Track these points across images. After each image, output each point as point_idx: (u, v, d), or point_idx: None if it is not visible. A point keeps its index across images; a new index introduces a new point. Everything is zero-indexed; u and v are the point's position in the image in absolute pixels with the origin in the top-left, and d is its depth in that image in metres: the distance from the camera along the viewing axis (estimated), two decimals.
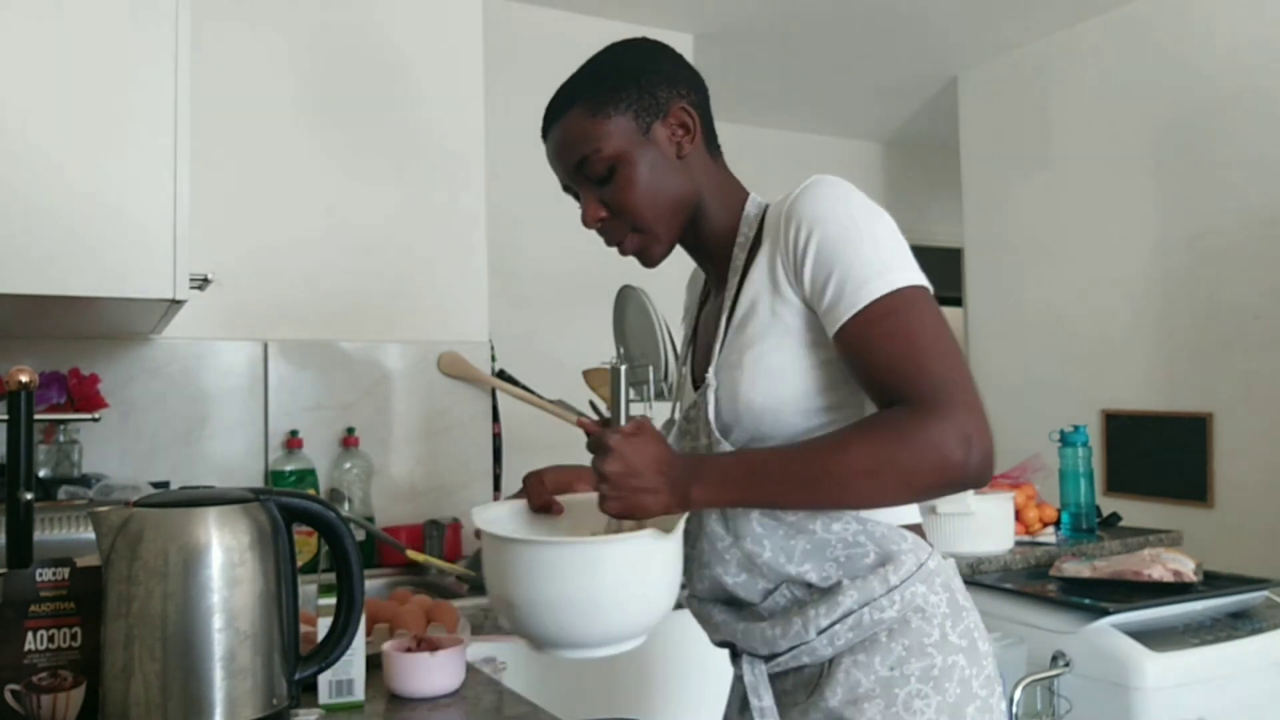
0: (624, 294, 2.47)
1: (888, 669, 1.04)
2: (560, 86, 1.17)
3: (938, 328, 0.99)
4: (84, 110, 1.47)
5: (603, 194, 1.13)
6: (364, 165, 2.40)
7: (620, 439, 0.99)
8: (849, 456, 0.96)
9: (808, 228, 1.03)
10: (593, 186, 1.14)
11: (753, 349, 1.07)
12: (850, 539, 1.07)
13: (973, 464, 0.94)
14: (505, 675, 1.64)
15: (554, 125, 1.15)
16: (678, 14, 3.63)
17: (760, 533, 1.08)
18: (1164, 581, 1.97)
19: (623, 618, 1.00)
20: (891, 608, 1.05)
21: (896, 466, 0.94)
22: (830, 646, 1.06)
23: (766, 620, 1.10)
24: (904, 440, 0.94)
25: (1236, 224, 3.25)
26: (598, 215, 1.14)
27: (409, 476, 2.38)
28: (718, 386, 1.10)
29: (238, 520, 1.07)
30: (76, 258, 1.45)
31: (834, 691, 1.05)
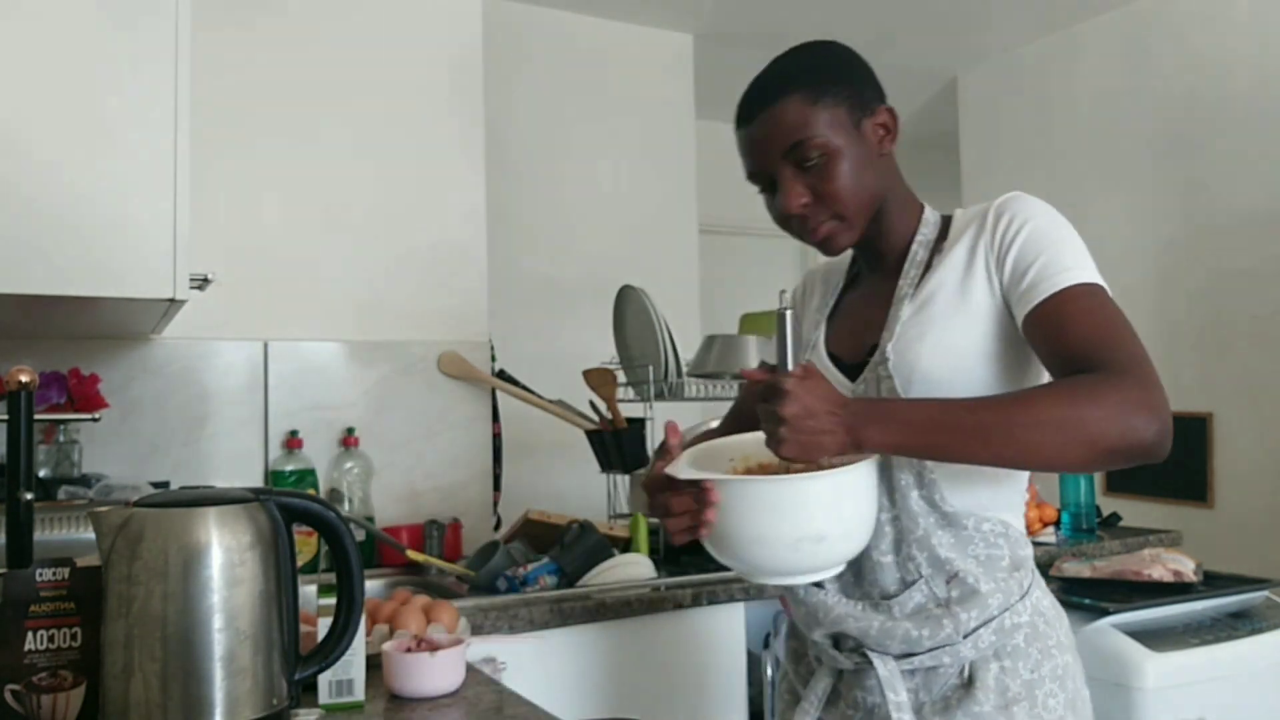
0: (624, 294, 2.47)
1: (1029, 672, 1.11)
2: (764, 76, 1.20)
3: (1126, 318, 1.06)
4: (84, 110, 1.47)
5: (809, 180, 1.15)
6: (364, 165, 2.40)
7: (795, 381, 0.99)
8: (1038, 409, 0.98)
9: (1021, 220, 1.12)
10: (799, 173, 1.16)
11: (935, 327, 1.12)
12: (992, 540, 1.12)
13: (1154, 434, 0.97)
14: (505, 675, 1.64)
15: (765, 109, 1.17)
16: (678, 14, 3.63)
17: (917, 511, 1.12)
18: (1164, 581, 1.97)
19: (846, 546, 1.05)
20: (1025, 613, 1.13)
21: (1085, 423, 0.96)
22: (974, 650, 1.11)
23: (909, 620, 1.12)
24: (1097, 399, 0.97)
25: (1236, 224, 3.25)
26: (801, 200, 1.16)
27: (409, 476, 2.38)
28: (894, 360, 1.13)
29: (238, 520, 1.07)
30: (76, 258, 1.45)
31: (986, 696, 1.10)
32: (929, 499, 1.12)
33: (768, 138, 1.16)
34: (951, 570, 1.11)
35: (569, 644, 1.76)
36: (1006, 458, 1.01)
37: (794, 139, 1.14)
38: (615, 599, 1.80)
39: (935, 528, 1.12)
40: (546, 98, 3.51)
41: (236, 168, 2.26)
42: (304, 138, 2.34)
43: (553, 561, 1.92)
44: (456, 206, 2.50)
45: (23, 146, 1.43)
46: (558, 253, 3.51)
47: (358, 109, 2.40)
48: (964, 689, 1.11)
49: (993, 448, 0.99)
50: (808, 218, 1.17)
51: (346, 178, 2.38)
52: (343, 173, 2.38)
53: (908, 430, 1.00)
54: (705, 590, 1.87)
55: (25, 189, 1.43)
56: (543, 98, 3.50)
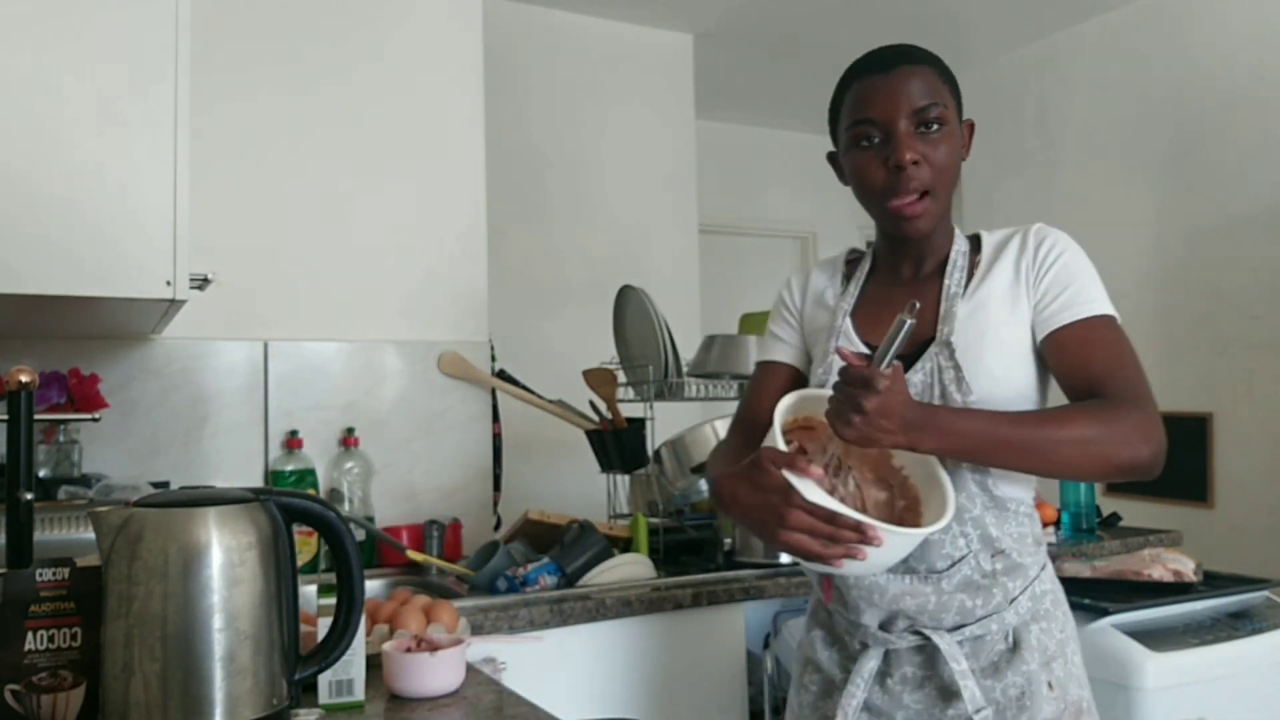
0: (624, 294, 2.47)
1: (1059, 632, 1.28)
2: (902, 44, 1.30)
3: (1135, 351, 1.24)
4: (85, 110, 1.47)
5: (922, 145, 1.23)
6: (364, 165, 2.40)
7: (887, 382, 1.08)
8: (1069, 427, 1.15)
9: (1059, 250, 1.26)
10: (915, 134, 1.23)
11: (993, 328, 1.25)
12: (1023, 519, 1.28)
13: (1152, 455, 1.15)
14: (505, 675, 1.64)
15: (908, 64, 1.25)
16: (678, 14, 3.64)
17: (975, 492, 1.24)
18: (1164, 581, 1.97)
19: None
20: (1048, 581, 1.31)
21: (1104, 442, 1.14)
22: (1016, 616, 1.25)
23: (963, 593, 1.24)
24: (1115, 423, 1.15)
25: (1236, 223, 3.25)
26: (914, 158, 1.22)
27: (409, 476, 2.38)
28: (960, 352, 1.24)
29: (238, 520, 1.07)
30: (77, 258, 1.45)
31: (1032, 655, 1.24)
32: (982, 484, 1.24)
33: (903, 90, 1.23)
34: (998, 546, 1.24)
35: (569, 644, 1.76)
36: (1035, 467, 1.18)
37: (928, 100, 1.23)
38: (615, 599, 1.80)
39: (986, 509, 1.24)
40: (546, 98, 3.51)
41: (236, 168, 2.26)
42: (304, 137, 2.34)
43: (553, 561, 1.92)
44: (456, 206, 2.50)
45: (22, 147, 1.43)
46: (558, 253, 3.51)
47: (358, 109, 2.40)
48: (1011, 651, 1.25)
49: (1030, 460, 1.16)
50: (913, 177, 1.23)
51: (347, 177, 2.38)
52: (343, 172, 2.38)
53: (961, 440, 1.13)
54: (705, 590, 1.87)
55: (25, 189, 1.43)
56: (543, 98, 3.50)
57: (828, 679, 1.33)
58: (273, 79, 2.31)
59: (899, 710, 1.27)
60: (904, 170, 1.22)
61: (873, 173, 1.25)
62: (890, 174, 1.23)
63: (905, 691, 1.26)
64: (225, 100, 2.23)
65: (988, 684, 1.23)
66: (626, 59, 3.67)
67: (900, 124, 1.22)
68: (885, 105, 1.23)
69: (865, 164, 1.26)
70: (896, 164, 1.22)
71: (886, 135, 1.23)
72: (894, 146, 1.22)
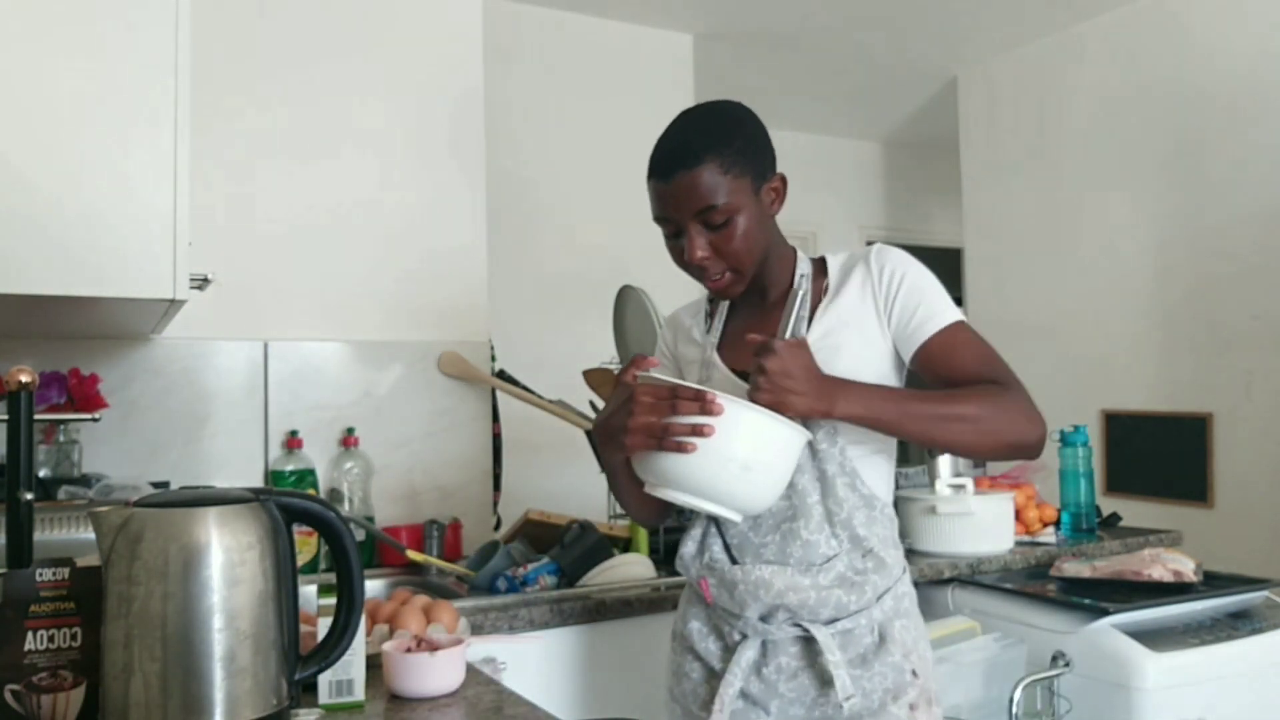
0: (624, 294, 2.47)
1: (915, 629, 1.39)
2: (681, 134, 1.33)
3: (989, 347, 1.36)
4: (85, 110, 1.47)
5: (712, 238, 1.32)
6: (364, 164, 2.40)
7: (785, 345, 1.21)
8: (963, 403, 1.27)
9: (902, 271, 1.36)
10: (704, 229, 1.32)
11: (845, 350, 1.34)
12: (888, 520, 1.38)
13: (1038, 436, 1.29)
14: (505, 675, 1.64)
15: (682, 171, 1.30)
16: (678, 14, 3.63)
17: (843, 496, 1.34)
18: (1164, 581, 1.97)
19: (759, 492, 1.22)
20: (906, 583, 1.41)
21: (994, 420, 1.27)
22: (882, 612, 1.36)
23: (839, 588, 1.33)
24: (1004, 405, 1.28)
25: (1236, 224, 3.25)
26: (703, 254, 1.33)
27: (409, 476, 2.38)
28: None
29: (238, 520, 1.07)
30: (76, 258, 1.45)
31: (896, 648, 1.35)
32: (851, 485, 1.34)
33: (682, 197, 1.30)
34: (867, 546, 1.34)
35: (569, 644, 1.76)
36: (937, 436, 1.28)
37: (706, 204, 1.30)
38: (615, 599, 1.80)
39: (854, 510, 1.34)
40: (546, 98, 3.51)
41: (236, 167, 2.26)
42: (304, 137, 2.34)
43: (553, 561, 1.92)
44: (456, 206, 2.50)
45: (22, 146, 1.43)
46: (558, 253, 3.51)
47: (358, 108, 2.40)
48: (878, 644, 1.35)
49: (931, 432, 1.27)
50: (707, 268, 1.34)
51: (347, 177, 2.38)
52: (343, 172, 2.38)
53: (871, 407, 1.24)
54: None
55: (25, 189, 1.43)
56: (543, 98, 3.50)
57: (707, 667, 1.42)
58: (273, 79, 2.31)
59: (774, 699, 1.36)
60: (694, 267, 1.34)
61: (681, 259, 1.36)
62: (689, 267, 1.36)
63: (781, 681, 1.35)
64: (226, 100, 2.23)
65: (857, 674, 1.33)
66: (626, 59, 3.67)
67: (687, 225, 1.32)
68: (670, 211, 1.32)
69: (674, 251, 1.37)
70: (688, 264, 1.34)
71: (678, 232, 1.34)
72: (687, 248, 1.33)
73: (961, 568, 2.11)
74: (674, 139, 1.34)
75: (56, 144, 1.45)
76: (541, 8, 3.51)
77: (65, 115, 1.46)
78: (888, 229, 5.46)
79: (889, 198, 5.47)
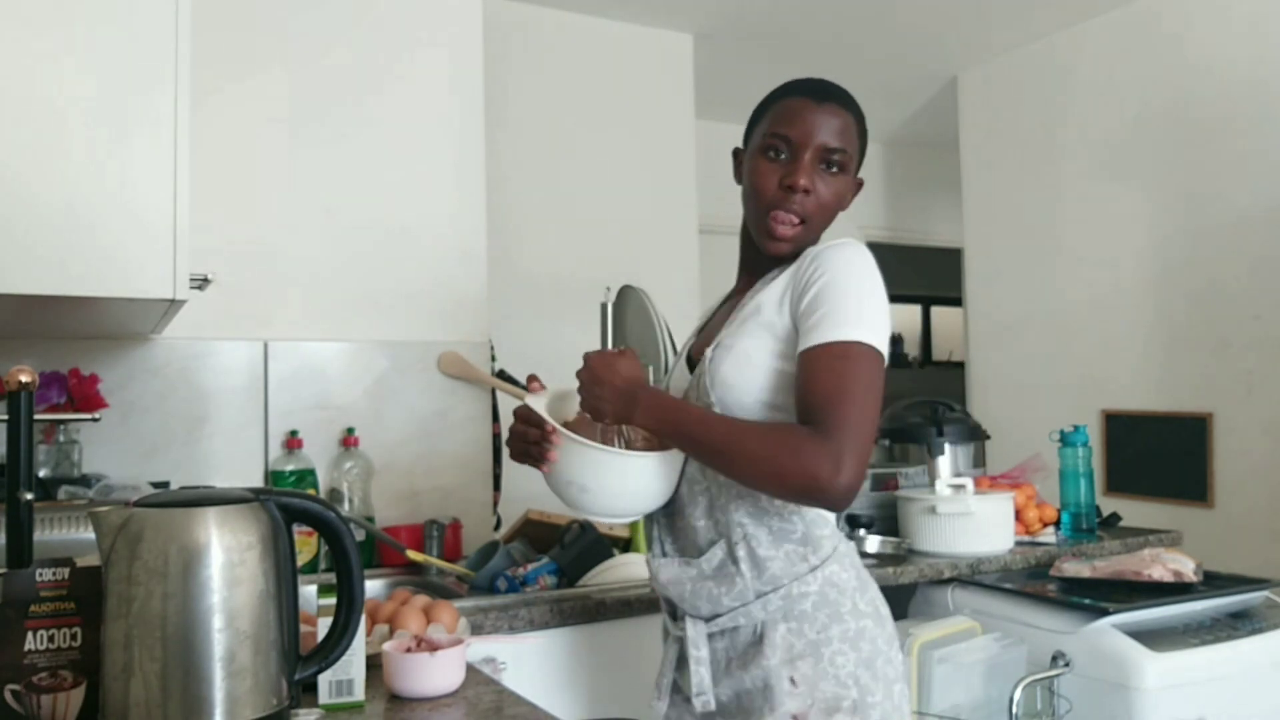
0: (624, 294, 2.47)
1: (815, 633, 1.28)
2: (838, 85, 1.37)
3: (870, 384, 1.21)
4: (85, 111, 1.47)
5: (819, 178, 1.32)
6: (364, 165, 2.40)
7: (596, 356, 1.32)
8: (748, 440, 1.21)
9: (824, 270, 1.27)
10: (819, 169, 1.32)
11: (741, 340, 1.31)
12: (786, 514, 1.30)
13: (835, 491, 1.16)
14: (505, 675, 1.64)
15: (842, 104, 1.34)
16: (678, 14, 3.63)
17: (724, 482, 1.30)
18: (1164, 581, 1.97)
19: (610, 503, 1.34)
20: (814, 584, 1.29)
21: (773, 464, 1.18)
22: (764, 612, 1.29)
23: (712, 580, 1.31)
24: (789, 451, 1.17)
25: (1236, 224, 3.25)
26: (807, 184, 1.31)
27: (409, 476, 2.38)
28: (710, 362, 1.32)
29: (238, 520, 1.07)
30: (76, 258, 1.45)
31: (773, 652, 1.28)
32: None
33: (824, 123, 1.32)
34: (742, 533, 1.29)
35: (569, 644, 1.76)
36: (719, 467, 1.26)
37: (840, 143, 1.32)
38: (615, 599, 1.80)
39: (736, 498, 1.30)
40: (546, 97, 3.51)
41: (236, 168, 2.26)
42: (304, 137, 2.34)
43: (553, 561, 1.92)
44: (456, 206, 2.50)
45: (22, 147, 1.43)
46: (558, 253, 3.51)
47: (358, 108, 2.40)
48: (755, 646, 1.29)
49: (715, 463, 1.26)
50: (795, 201, 1.31)
51: (346, 177, 2.38)
52: (343, 172, 2.38)
53: (660, 425, 1.26)
54: None
55: (25, 189, 1.43)
56: (543, 97, 3.50)
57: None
58: (272, 79, 2.31)
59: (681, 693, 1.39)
60: (794, 193, 1.31)
61: (767, 182, 1.33)
62: (782, 190, 1.32)
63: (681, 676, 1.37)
64: (225, 100, 2.23)
65: (739, 674, 1.30)
66: (626, 59, 3.67)
67: (808, 152, 1.31)
68: (803, 129, 1.32)
69: (765, 173, 1.33)
70: (790, 185, 1.31)
71: (793, 156, 1.32)
72: (794, 168, 1.31)
73: (961, 568, 2.11)
74: (832, 84, 1.37)
75: (56, 144, 1.45)
76: (541, 8, 3.51)
77: (65, 115, 1.46)
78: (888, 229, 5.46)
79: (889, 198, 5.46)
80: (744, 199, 1.39)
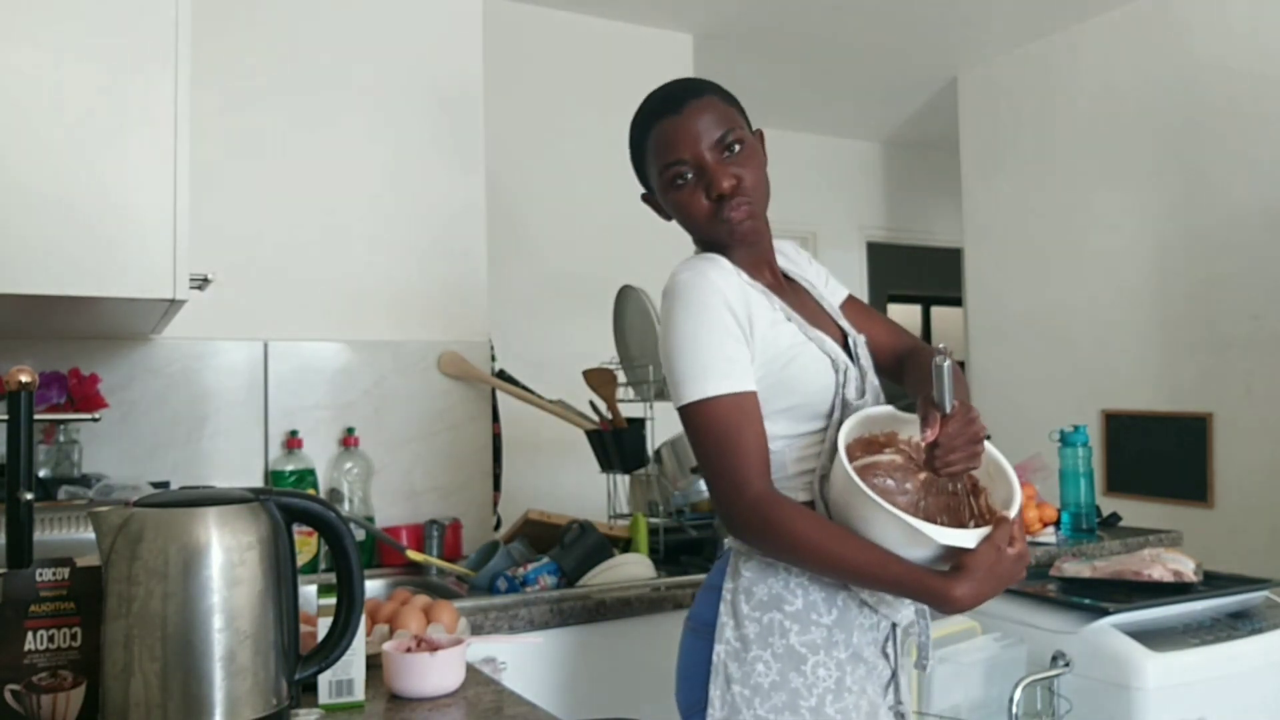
0: (624, 294, 2.47)
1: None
2: (674, 83, 1.36)
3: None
4: (84, 110, 1.47)
5: (731, 168, 1.28)
6: (364, 164, 2.40)
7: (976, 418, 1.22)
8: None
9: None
10: (725, 159, 1.29)
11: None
12: None
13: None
14: (505, 675, 1.64)
15: (692, 100, 1.30)
16: (678, 14, 3.63)
17: None
18: (1164, 581, 1.97)
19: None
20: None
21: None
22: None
23: None
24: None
25: (1236, 224, 3.25)
26: (731, 183, 1.28)
27: (409, 476, 2.38)
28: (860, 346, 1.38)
29: (238, 520, 1.07)
30: (76, 258, 1.45)
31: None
32: None
33: (697, 127, 1.28)
34: None
35: (569, 644, 1.76)
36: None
37: (723, 128, 1.29)
38: (615, 599, 1.80)
39: None
40: (546, 98, 3.51)
41: (236, 168, 2.26)
42: (304, 137, 2.34)
43: (553, 561, 1.92)
44: (456, 206, 2.50)
45: (22, 147, 1.43)
46: (558, 253, 3.51)
47: (358, 108, 2.40)
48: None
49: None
50: (734, 199, 1.28)
51: (346, 177, 2.38)
52: (343, 172, 2.38)
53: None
54: None
55: (25, 189, 1.43)
56: (543, 98, 3.50)
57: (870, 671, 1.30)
58: (273, 78, 2.31)
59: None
60: (727, 198, 1.28)
61: (698, 207, 1.30)
62: (714, 203, 1.29)
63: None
64: (225, 100, 2.23)
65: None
66: (626, 59, 3.67)
67: (707, 156, 1.28)
68: (687, 143, 1.28)
69: (688, 201, 1.30)
70: (718, 195, 1.28)
71: (699, 169, 1.29)
72: (709, 179, 1.28)
73: None
74: (667, 87, 1.35)
75: (56, 144, 1.45)
76: (541, 8, 3.51)
77: (65, 115, 1.46)
78: (888, 229, 5.46)
79: (889, 198, 5.46)
80: (688, 229, 1.36)
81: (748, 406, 1.24)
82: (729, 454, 1.22)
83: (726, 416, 1.23)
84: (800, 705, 1.23)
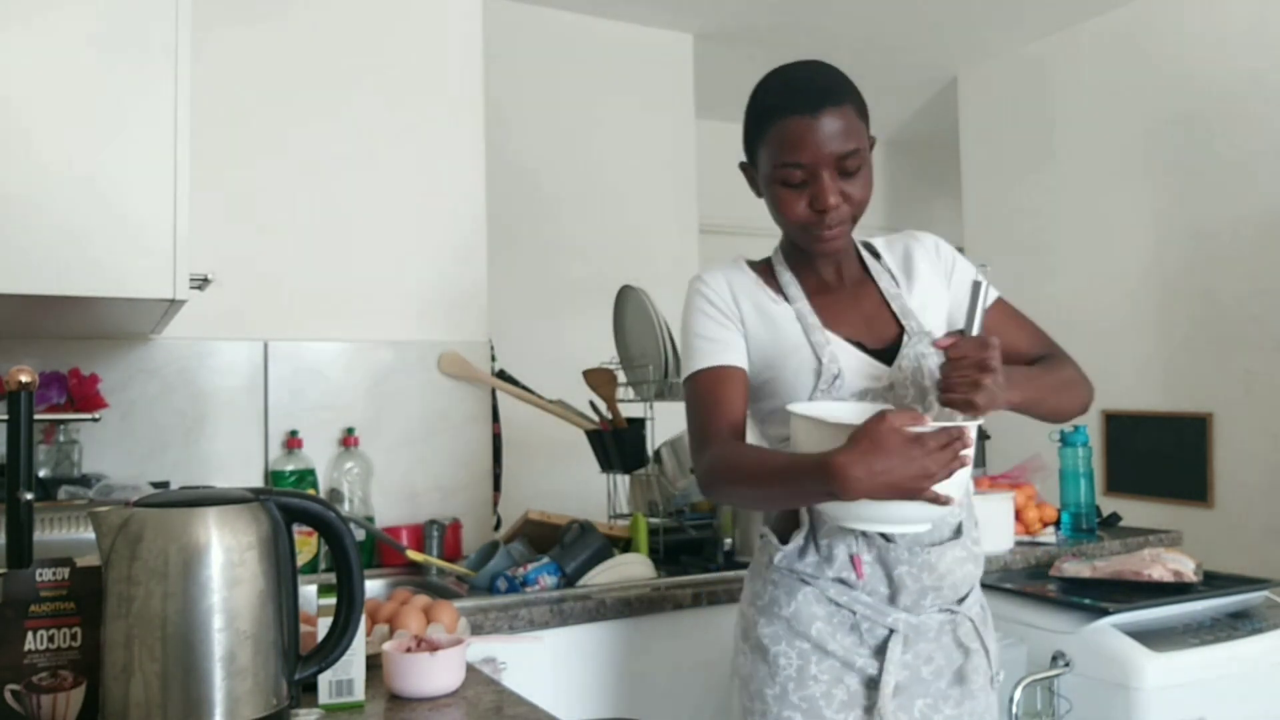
0: (624, 294, 2.47)
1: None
2: (811, 72, 1.32)
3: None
4: (84, 110, 1.47)
5: (843, 185, 1.29)
6: (364, 165, 2.40)
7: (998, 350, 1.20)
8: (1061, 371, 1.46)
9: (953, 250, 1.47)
10: (839, 176, 1.28)
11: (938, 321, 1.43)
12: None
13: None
14: (505, 675, 1.64)
15: (831, 107, 1.27)
16: (678, 14, 3.63)
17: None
18: (1164, 581, 1.97)
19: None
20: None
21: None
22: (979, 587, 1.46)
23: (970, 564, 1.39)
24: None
25: (1236, 224, 3.25)
26: (837, 202, 1.28)
27: (409, 476, 2.38)
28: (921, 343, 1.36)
29: (238, 520, 1.07)
30: (76, 258, 1.45)
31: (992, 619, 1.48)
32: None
33: (827, 138, 1.26)
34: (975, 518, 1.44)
35: (569, 644, 1.76)
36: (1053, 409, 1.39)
37: (852, 146, 1.27)
38: (615, 599, 1.80)
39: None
40: (546, 97, 3.51)
41: (236, 168, 2.26)
42: (304, 138, 2.34)
43: (553, 561, 1.92)
44: (456, 206, 2.50)
45: (23, 147, 1.43)
46: (558, 253, 3.51)
47: (358, 109, 2.40)
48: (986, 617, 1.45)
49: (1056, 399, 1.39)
50: (834, 215, 1.29)
51: (347, 178, 2.38)
52: (343, 173, 2.38)
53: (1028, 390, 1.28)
54: (705, 590, 1.87)
55: (25, 189, 1.43)
56: (543, 97, 3.50)
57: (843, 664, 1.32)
58: (272, 79, 2.31)
59: (918, 684, 1.33)
60: (826, 213, 1.28)
61: (796, 209, 1.30)
62: (814, 214, 1.29)
63: (922, 665, 1.33)
64: (225, 100, 2.23)
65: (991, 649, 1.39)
66: (626, 59, 3.67)
67: (824, 170, 1.27)
68: (812, 151, 1.26)
69: (789, 201, 1.31)
70: (821, 209, 1.28)
71: (812, 177, 1.28)
72: (818, 191, 1.28)
73: None
74: (809, 77, 1.30)
75: (56, 144, 1.45)
76: (541, 8, 3.51)
77: (65, 115, 1.46)
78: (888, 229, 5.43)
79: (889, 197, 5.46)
80: (777, 220, 1.36)
81: (724, 377, 1.35)
82: (698, 417, 1.34)
83: (701, 386, 1.35)
84: (766, 693, 1.35)
